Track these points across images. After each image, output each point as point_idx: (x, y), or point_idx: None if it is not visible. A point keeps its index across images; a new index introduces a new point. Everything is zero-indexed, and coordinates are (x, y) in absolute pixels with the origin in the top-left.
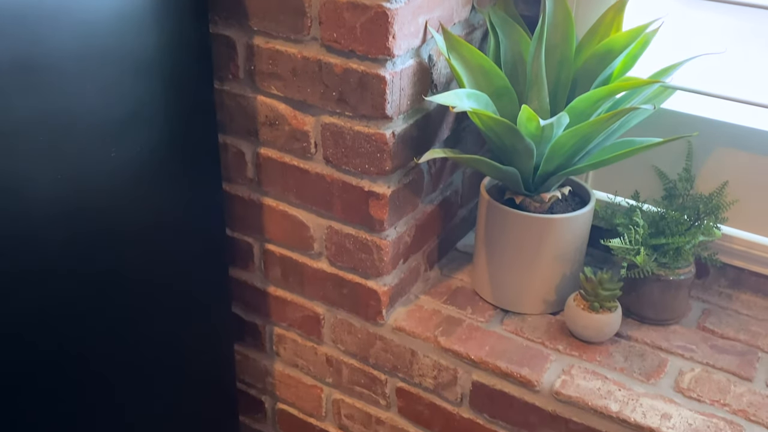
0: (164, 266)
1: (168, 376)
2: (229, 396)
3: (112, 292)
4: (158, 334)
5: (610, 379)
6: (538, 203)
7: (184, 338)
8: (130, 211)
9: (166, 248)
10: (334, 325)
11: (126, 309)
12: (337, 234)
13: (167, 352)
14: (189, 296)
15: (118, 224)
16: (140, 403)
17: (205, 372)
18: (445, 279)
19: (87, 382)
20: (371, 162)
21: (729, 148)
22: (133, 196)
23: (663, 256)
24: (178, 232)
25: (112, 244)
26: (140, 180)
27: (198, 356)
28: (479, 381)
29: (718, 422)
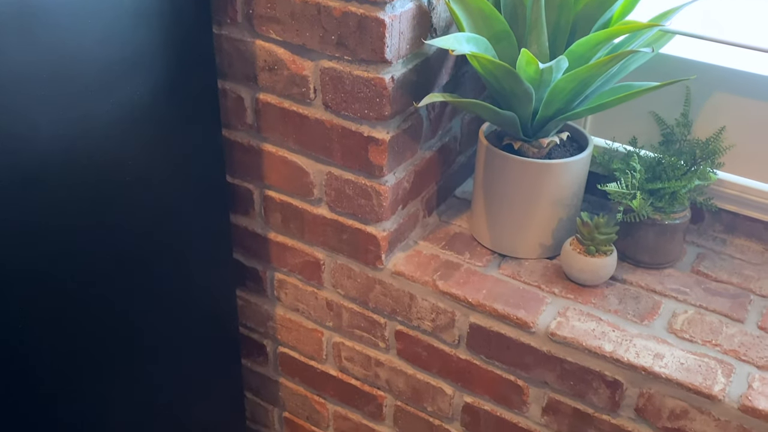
0: (166, 213)
1: (172, 322)
2: (232, 340)
3: (114, 239)
4: (161, 280)
5: (605, 320)
6: (537, 149)
7: (187, 284)
8: (131, 158)
9: (167, 195)
10: (334, 270)
11: (129, 256)
12: (337, 180)
13: (171, 298)
14: (191, 242)
15: (120, 171)
16: (146, 348)
17: (209, 317)
18: (444, 225)
19: (90, 330)
20: (370, 107)
21: (727, 93)
22: (134, 142)
23: (659, 200)
24: (179, 178)
25: (114, 192)
26: (141, 126)
27: (201, 302)
28: (476, 323)
29: (709, 362)
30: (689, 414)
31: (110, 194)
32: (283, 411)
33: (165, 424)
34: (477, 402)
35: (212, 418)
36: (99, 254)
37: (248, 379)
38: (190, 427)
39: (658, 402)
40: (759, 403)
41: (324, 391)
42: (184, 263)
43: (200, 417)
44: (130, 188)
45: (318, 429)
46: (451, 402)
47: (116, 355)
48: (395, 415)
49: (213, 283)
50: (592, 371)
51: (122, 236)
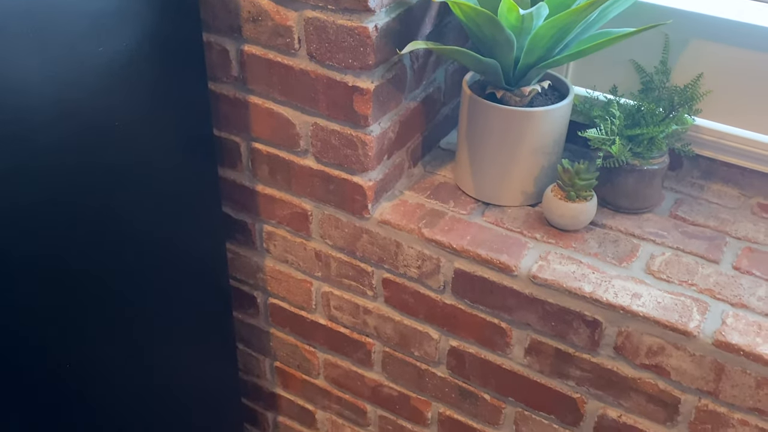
0: (154, 166)
1: (162, 276)
2: (223, 292)
3: (103, 192)
4: (150, 234)
5: (585, 263)
6: (519, 97)
7: (176, 238)
8: (118, 110)
9: (154, 148)
10: (322, 221)
11: (119, 209)
12: (323, 130)
13: (160, 252)
14: (180, 196)
15: (107, 122)
16: (137, 303)
17: (199, 271)
18: (429, 175)
19: (80, 286)
20: (354, 56)
21: (705, 40)
22: (121, 94)
23: (637, 146)
24: (167, 130)
25: (101, 144)
26: (129, 75)
27: (191, 255)
28: (461, 269)
29: (685, 300)
30: (666, 350)
31: (98, 142)
32: (275, 361)
33: (159, 378)
34: (462, 345)
35: (205, 370)
36: (87, 206)
37: (240, 331)
38: (183, 380)
39: (636, 340)
40: (732, 338)
41: (314, 340)
42: (172, 216)
43: (193, 369)
44: (118, 135)
45: (309, 377)
46: (438, 346)
47: (107, 310)
48: (384, 361)
49: (202, 237)
50: (573, 312)
51: (110, 186)
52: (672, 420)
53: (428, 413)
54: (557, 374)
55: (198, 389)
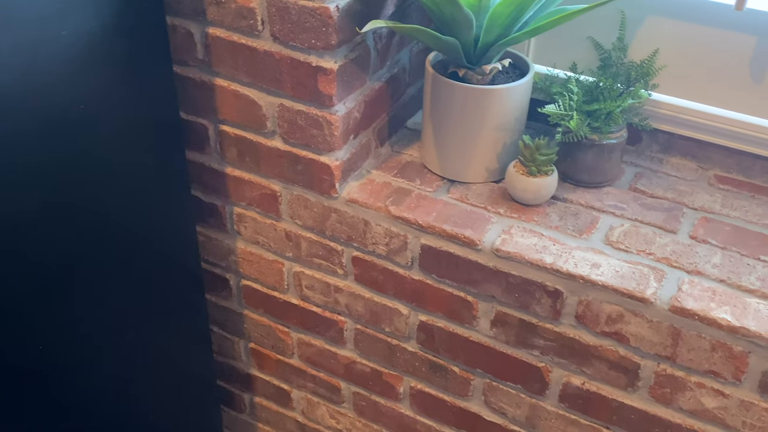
0: (120, 150)
1: (134, 261)
2: (195, 276)
3: (69, 178)
4: (119, 218)
5: (546, 236)
6: (480, 75)
7: (146, 222)
8: (82, 94)
9: (120, 132)
10: (291, 201)
11: (85, 194)
12: (289, 111)
13: (131, 237)
14: (147, 180)
15: (71, 107)
16: (110, 288)
17: (171, 254)
18: (396, 155)
19: (54, 270)
20: (317, 37)
21: (660, 17)
22: (85, 78)
23: (595, 120)
24: (132, 115)
25: (65, 129)
26: (93, 58)
27: (162, 239)
28: (427, 244)
29: (642, 269)
30: (624, 318)
31: (63, 132)
32: (249, 342)
33: (134, 362)
34: (431, 320)
35: (180, 353)
36: (52, 190)
37: (213, 314)
38: (159, 364)
39: (596, 308)
40: (687, 303)
41: (287, 320)
42: (141, 201)
43: (168, 353)
44: (83, 120)
45: (283, 357)
46: (407, 321)
47: (79, 295)
48: (356, 338)
49: (172, 220)
50: (535, 283)
51: (75, 172)
52: (633, 385)
53: (400, 388)
54: (522, 344)
55: (173, 372)
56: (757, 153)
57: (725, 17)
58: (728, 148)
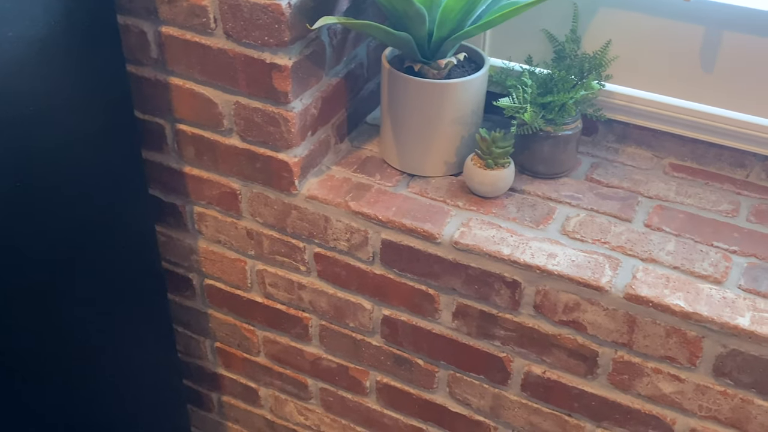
0: (74, 151)
1: (94, 262)
2: (156, 276)
3: (21, 180)
4: (76, 219)
5: (504, 227)
6: (436, 70)
7: (104, 222)
8: (31, 96)
9: (73, 133)
10: (251, 199)
11: (38, 197)
12: (245, 109)
13: (88, 238)
14: (104, 181)
15: (24, 108)
16: (71, 289)
17: (131, 254)
18: (355, 150)
19: (13, 271)
20: (270, 33)
21: (612, 8)
22: (34, 80)
23: (549, 112)
24: (85, 116)
25: (18, 130)
26: (40, 63)
27: (121, 239)
28: (388, 239)
29: (598, 258)
30: (581, 306)
31: (15, 133)
32: (215, 341)
33: (98, 363)
34: (394, 314)
35: (144, 354)
36: (6, 192)
37: (178, 314)
38: (122, 364)
39: (553, 297)
40: (641, 290)
41: (252, 318)
42: (98, 201)
43: (132, 353)
44: (33, 122)
45: (249, 355)
46: (371, 316)
47: (36, 296)
48: (321, 335)
49: (130, 220)
50: (493, 274)
51: (32, 174)
52: (592, 373)
53: (366, 382)
54: (484, 335)
55: (138, 373)
56: (710, 141)
57: (674, 7)
58: (682, 137)
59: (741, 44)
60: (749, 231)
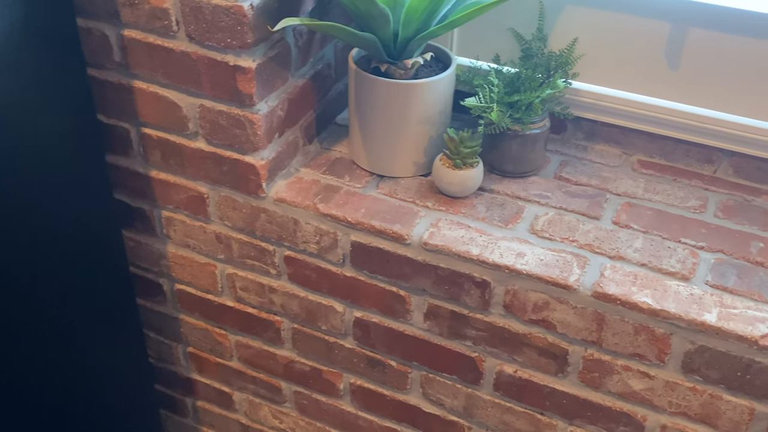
0: (36, 157)
1: (59, 267)
2: (123, 280)
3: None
4: (40, 224)
5: (473, 227)
6: (402, 70)
7: (68, 227)
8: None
9: (34, 138)
10: (219, 203)
11: (3, 200)
12: (210, 112)
13: (53, 243)
14: (66, 185)
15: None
16: (38, 294)
17: (97, 259)
18: (325, 151)
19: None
20: (233, 35)
21: (578, 6)
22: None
23: (516, 112)
24: (46, 120)
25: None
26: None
27: (86, 244)
28: (357, 241)
29: (566, 256)
30: (550, 305)
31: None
32: (187, 346)
33: (67, 369)
34: (366, 316)
35: (114, 359)
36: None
37: (149, 319)
38: (92, 370)
39: (522, 297)
40: (609, 288)
41: (223, 322)
42: (61, 206)
43: (101, 359)
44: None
45: (222, 360)
46: (343, 318)
47: (3, 301)
48: (293, 338)
49: (95, 225)
50: (463, 274)
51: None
52: (563, 371)
53: (340, 384)
54: (455, 335)
55: (107, 378)
56: (678, 137)
57: (640, 4)
58: (650, 134)
59: (706, 41)
60: (717, 227)
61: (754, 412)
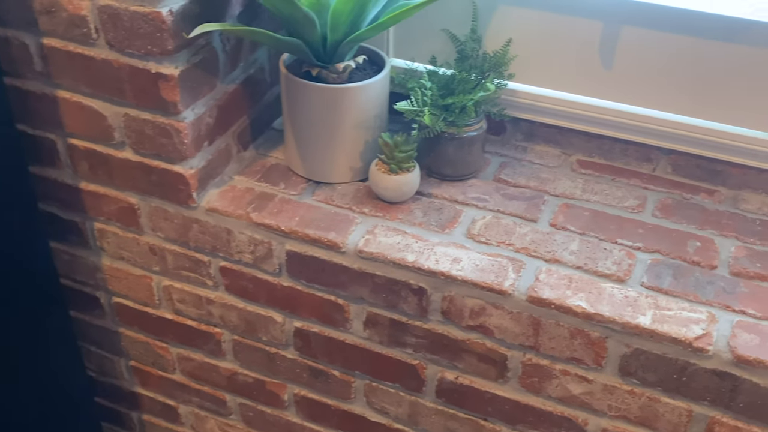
0: None
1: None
2: (54, 293)
3: None
4: None
5: (409, 233)
6: (335, 74)
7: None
8: None
9: None
10: (150, 214)
11: None
12: (135, 121)
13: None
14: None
15: None
16: None
17: (22, 272)
18: (261, 158)
19: None
20: (153, 42)
21: (511, 6)
22: None
23: (450, 114)
24: None
25: None
26: None
27: (9, 257)
28: (292, 250)
29: (502, 260)
30: (486, 310)
31: None
32: (129, 360)
33: (3, 384)
34: (306, 326)
35: (50, 373)
36: None
37: (89, 333)
38: (25, 386)
39: (459, 303)
40: (544, 293)
41: (164, 335)
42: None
43: (35, 375)
44: None
45: (165, 373)
46: (283, 329)
47: None
48: (234, 349)
49: (19, 238)
50: (399, 282)
51: None
52: (503, 377)
53: (284, 396)
54: (395, 343)
55: (42, 392)
56: (615, 136)
57: (572, 3)
58: (588, 133)
59: (639, 39)
60: (654, 226)
61: (692, 413)
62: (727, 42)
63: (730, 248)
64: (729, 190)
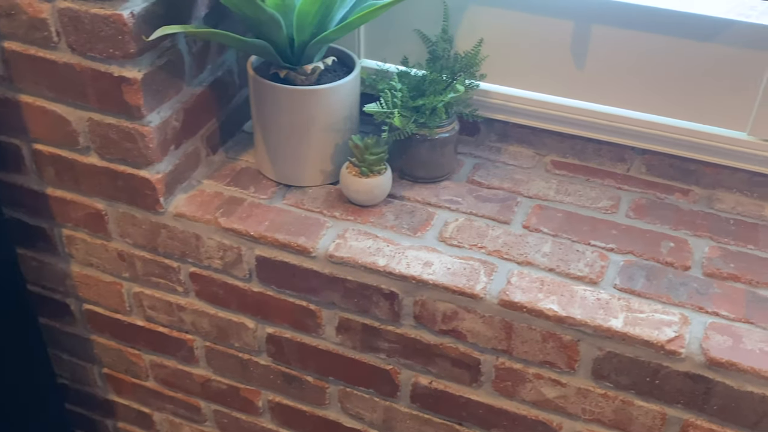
0: None
1: None
2: (21, 300)
3: None
4: None
5: (381, 237)
6: (303, 76)
7: None
8: None
9: None
10: (118, 220)
11: None
12: (99, 125)
13: None
14: None
15: None
16: None
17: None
18: (230, 161)
19: None
20: (115, 45)
21: (482, 5)
22: None
23: (421, 116)
24: None
25: None
26: None
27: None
28: (262, 255)
29: (474, 263)
30: (459, 314)
31: None
32: (102, 368)
33: None
34: (278, 331)
35: (15, 381)
36: None
37: (60, 340)
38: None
39: (431, 307)
40: (515, 296)
41: (135, 342)
42: None
43: (5, 384)
44: None
45: (139, 380)
46: (255, 335)
47: None
48: (207, 356)
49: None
50: (370, 286)
51: None
52: (477, 381)
53: (259, 402)
54: (369, 349)
55: (11, 400)
56: (588, 136)
57: (542, 3)
58: (561, 134)
59: (610, 38)
60: (627, 227)
61: (666, 416)
62: (701, 41)
63: (704, 248)
64: (703, 189)
